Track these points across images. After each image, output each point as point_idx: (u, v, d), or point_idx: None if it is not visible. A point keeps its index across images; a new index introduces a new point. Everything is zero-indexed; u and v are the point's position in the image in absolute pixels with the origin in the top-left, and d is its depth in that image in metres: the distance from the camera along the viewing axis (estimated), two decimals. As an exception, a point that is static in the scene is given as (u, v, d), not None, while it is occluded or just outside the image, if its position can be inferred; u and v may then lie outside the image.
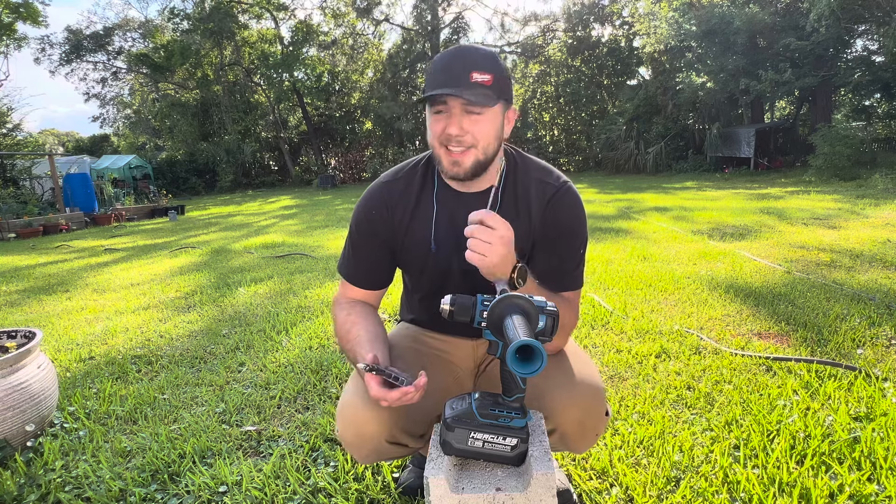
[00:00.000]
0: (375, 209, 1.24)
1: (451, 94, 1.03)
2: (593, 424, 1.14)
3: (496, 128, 1.11)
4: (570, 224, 1.19)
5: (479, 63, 1.06)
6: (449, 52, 1.10)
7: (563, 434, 1.14)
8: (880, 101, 16.85)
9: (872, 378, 1.99)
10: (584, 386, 1.13)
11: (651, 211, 8.03)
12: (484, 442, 0.95)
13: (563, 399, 1.11)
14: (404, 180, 1.24)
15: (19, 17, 19.82)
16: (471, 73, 1.05)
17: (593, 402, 1.13)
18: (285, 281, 4.44)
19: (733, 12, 15.83)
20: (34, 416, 1.86)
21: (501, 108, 1.11)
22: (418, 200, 1.23)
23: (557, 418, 1.12)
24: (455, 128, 1.07)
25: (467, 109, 1.07)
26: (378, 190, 1.25)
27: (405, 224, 1.23)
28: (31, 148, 20.03)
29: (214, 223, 10.72)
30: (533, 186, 1.20)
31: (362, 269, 1.28)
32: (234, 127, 25.52)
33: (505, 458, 0.96)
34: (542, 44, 26.80)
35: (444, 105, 1.08)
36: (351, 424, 1.12)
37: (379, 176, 1.31)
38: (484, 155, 1.11)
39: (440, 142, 1.10)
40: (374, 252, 1.26)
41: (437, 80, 1.07)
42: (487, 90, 1.06)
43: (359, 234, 1.26)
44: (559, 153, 26.17)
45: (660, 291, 3.44)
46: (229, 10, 24.63)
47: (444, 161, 1.12)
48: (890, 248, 4.32)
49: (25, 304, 4.27)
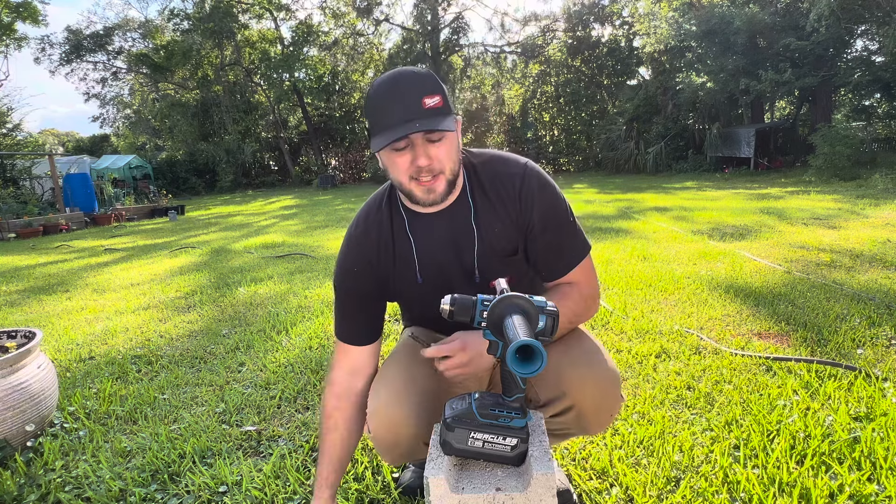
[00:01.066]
0: (357, 265, 1.22)
1: (414, 130, 0.99)
2: (609, 404, 1.15)
3: (456, 146, 1.11)
4: (548, 203, 1.18)
5: (426, 87, 1.02)
6: (385, 84, 1.05)
7: (580, 412, 1.14)
8: (880, 101, 16.86)
9: (872, 378, 1.99)
10: (603, 366, 1.15)
11: (651, 211, 8.03)
12: (484, 442, 0.95)
13: (581, 375, 1.13)
14: (375, 229, 1.22)
15: (19, 17, 19.82)
16: (422, 100, 1.01)
17: (611, 382, 1.14)
18: (285, 281, 4.44)
19: (733, 12, 15.83)
20: (34, 416, 1.86)
21: (454, 123, 1.09)
22: (394, 241, 1.21)
23: (575, 394, 1.12)
24: (423, 158, 1.05)
25: (427, 138, 1.04)
26: (354, 245, 1.23)
27: (390, 269, 1.22)
28: (31, 148, 20.04)
29: (214, 223, 10.72)
30: (498, 181, 1.19)
31: (355, 326, 1.27)
32: (234, 127, 25.52)
33: (505, 458, 0.96)
34: (542, 44, 26.81)
35: (406, 139, 1.03)
36: (386, 426, 1.14)
37: (349, 225, 1.28)
38: (452, 175, 1.10)
39: (410, 176, 1.08)
40: (364, 306, 1.25)
41: (389, 116, 1.02)
42: (441, 112, 1.03)
43: (346, 293, 1.25)
44: (559, 153, 26.18)
45: (660, 291, 3.44)
46: (229, 10, 24.63)
47: (417, 192, 1.09)
48: (890, 248, 4.32)
49: (25, 304, 4.27)
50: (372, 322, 1.28)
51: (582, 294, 1.20)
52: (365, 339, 1.27)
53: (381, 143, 1.01)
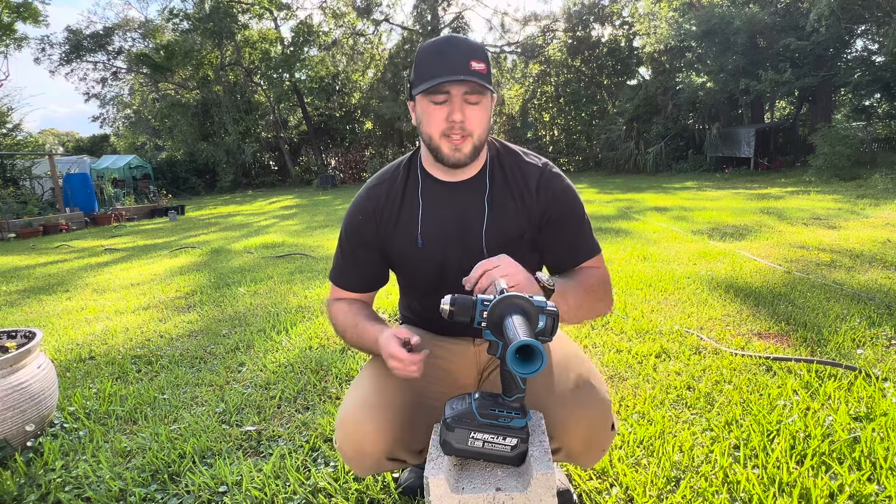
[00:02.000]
0: (362, 214, 1.25)
1: (461, 79, 1.04)
2: (600, 442, 1.12)
3: (489, 116, 1.14)
4: (565, 200, 1.22)
5: (475, 52, 1.07)
6: (440, 40, 1.10)
7: (569, 452, 1.12)
8: (880, 101, 16.85)
9: (872, 378, 1.99)
10: (589, 403, 1.10)
11: (651, 211, 8.03)
12: (484, 442, 0.95)
13: (568, 418, 1.08)
14: (388, 182, 1.26)
15: (20, 17, 19.81)
16: (469, 62, 1.05)
17: (600, 421, 1.10)
18: (285, 281, 4.44)
19: (733, 12, 15.83)
20: (34, 416, 1.86)
21: (490, 96, 1.13)
22: (403, 199, 1.24)
23: (563, 438, 1.09)
24: (458, 114, 1.08)
25: (466, 99, 1.08)
26: (363, 196, 1.27)
27: (392, 225, 1.24)
28: (31, 148, 20.04)
29: (214, 223, 10.72)
30: (519, 169, 1.23)
31: (353, 273, 1.29)
32: (234, 127, 25.50)
33: (505, 458, 0.96)
34: (542, 44, 26.80)
35: (446, 94, 1.08)
36: (350, 439, 1.10)
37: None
38: (479, 142, 1.14)
39: (442, 132, 1.11)
40: (365, 257, 1.27)
41: (435, 68, 1.06)
42: (485, 77, 1.07)
43: (348, 241, 1.28)
44: (559, 153, 26.17)
45: (660, 291, 3.44)
46: (229, 9, 24.62)
47: (445, 149, 1.12)
48: (890, 248, 4.32)
49: (25, 304, 4.27)
50: (370, 275, 1.30)
51: (601, 278, 1.22)
52: (361, 288, 1.30)
53: (423, 87, 1.06)
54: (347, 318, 1.24)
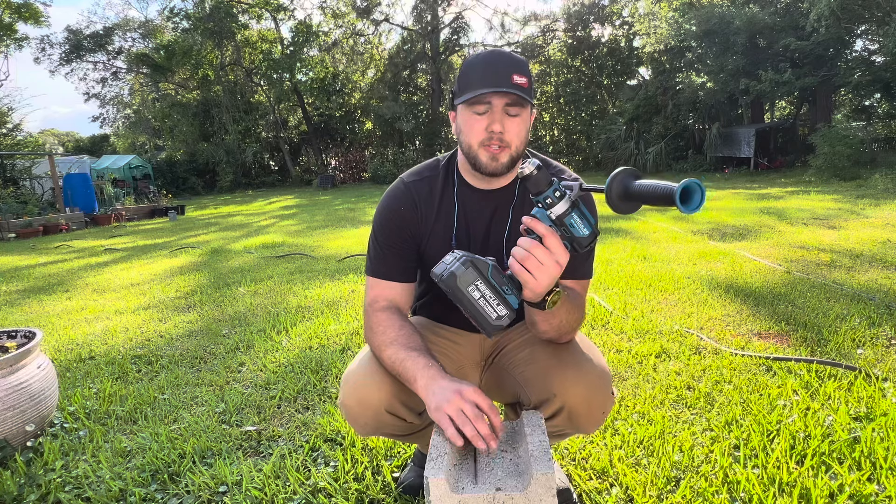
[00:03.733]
0: (403, 206, 1.27)
1: (502, 91, 1.07)
2: (600, 402, 1.15)
3: (527, 129, 1.17)
4: None
5: (518, 66, 1.10)
6: (485, 53, 1.14)
7: (571, 411, 1.14)
8: (880, 101, 16.85)
9: (872, 378, 1.99)
10: (591, 365, 1.15)
11: (651, 211, 8.03)
12: (482, 296, 0.96)
13: (570, 376, 1.13)
14: (428, 180, 1.29)
15: (20, 18, 19.81)
16: (512, 75, 1.08)
17: (600, 381, 1.14)
18: (285, 281, 4.44)
19: (733, 12, 15.84)
20: (34, 416, 1.86)
21: (530, 110, 1.16)
22: (441, 199, 1.27)
23: (565, 395, 1.13)
24: (498, 125, 1.11)
25: (506, 110, 1.11)
26: (403, 189, 1.28)
27: (430, 222, 1.26)
28: (31, 148, 20.03)
29: (214, 223, 10.72)
30: None
31: (392, 263, 1.28)
32: (234, 127, 25.50)
33: (486, 322, 0.97)
34: (542, 44, 26.81)
35: (488, 105, 1.11)
36: (353, 391, 1.17)
37: (400, 175, 1.34)
38: (517, 153, 1.16)
39: (481, 141, 1.13)
40: (402, 247, 1.27)
41: (479, 80, 1.10)
42: (526, 91, 1.10)
43: (386, 232, 1.27)
44: (559, 153, 26.18)
45: (660, 291, 3.44)
46: (229, 9, 24.62)
47: (483, 157, 1.15)
48: (890, 248, 4.32)
49: (25, 304, 4.27)
50: (407, 260, 1.29)
51: (580, 304, 1.21)
52: (402, 277, 1.29)
53: (466, 97, 1.10)
54: (388, 335, 1.17)
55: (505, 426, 1.15)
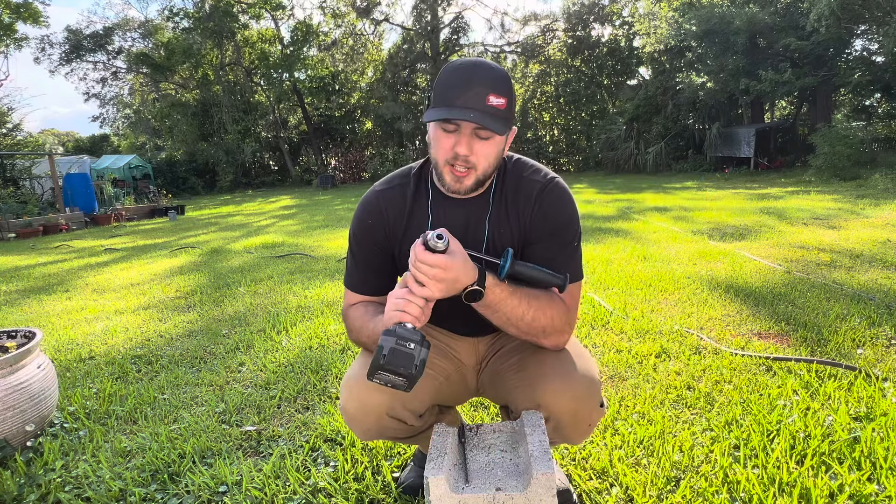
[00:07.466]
0: (371, 217, 1.25)
1: (468, 119, 1.02)
2: (587, 414, 1.14)
3: (499, 151, 1.13)
4: (558, 217, 1.19)
5: (496, 86, 1.05)
6: (463, 67, 1.08)
7: (557, 423, 1.14)
8: (880, 101, 16.85)
9: (872, 378, 1.99)
10: (578, 375, 1.13)
11: (651, 211, 8.03)
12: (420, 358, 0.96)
13: (556, 387, 1.12)
14: (399, 189, 1.26)
15: (20, 18, 19.80)
16: (487, 96, 1.04)
17: (587, 392, 1.13)
18: (285, 281, 4.44)
19: (733, 12, 15.84)
20: (34, 416, 1.86)
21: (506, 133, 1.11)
22: (412, 209, 1.24)
23: (551, 406, 1.12)
24: (464, 148, 1.08)
25: (477, 133, 1.08)
26: (373, 198, 1.26)
27: (400, 231, 1.24)
28: (31, 148, 20.03)
29: (214, 223, 10.72)
30: (522, 185, 1.21)
31: (366, 277, 1.29)
32: (234, 127, 25.50)
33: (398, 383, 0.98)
34: (542, 44, 26.80)
35: (457, 125, 1.08)
36: (354, 396, 1.16)
37: (376, 182, 1.32)
38: (484, 175, 1.14)
39: (447, 160, 1.11)
40: (376, 259, 1.27)
41: (452, 96, 1.05)
42: (501, 115, 1.06)
43: (358, 245, 1.28)
44: (559, 153, 26.19)
45: (660, 291, 3.44)
46: (229, 9, 24.62)
47: (447, 177, 1.13)
48: (890, 248, 4.32)
49: (25, 304, 4.27)
50: (384, 277, 1.29)
51: (566, 309, 1.18)
52: (376, 292, 1.29)
53: (433, 116, 1.06)
54: (364, 318, 1.22)
55: (505, 426, 1.16)
